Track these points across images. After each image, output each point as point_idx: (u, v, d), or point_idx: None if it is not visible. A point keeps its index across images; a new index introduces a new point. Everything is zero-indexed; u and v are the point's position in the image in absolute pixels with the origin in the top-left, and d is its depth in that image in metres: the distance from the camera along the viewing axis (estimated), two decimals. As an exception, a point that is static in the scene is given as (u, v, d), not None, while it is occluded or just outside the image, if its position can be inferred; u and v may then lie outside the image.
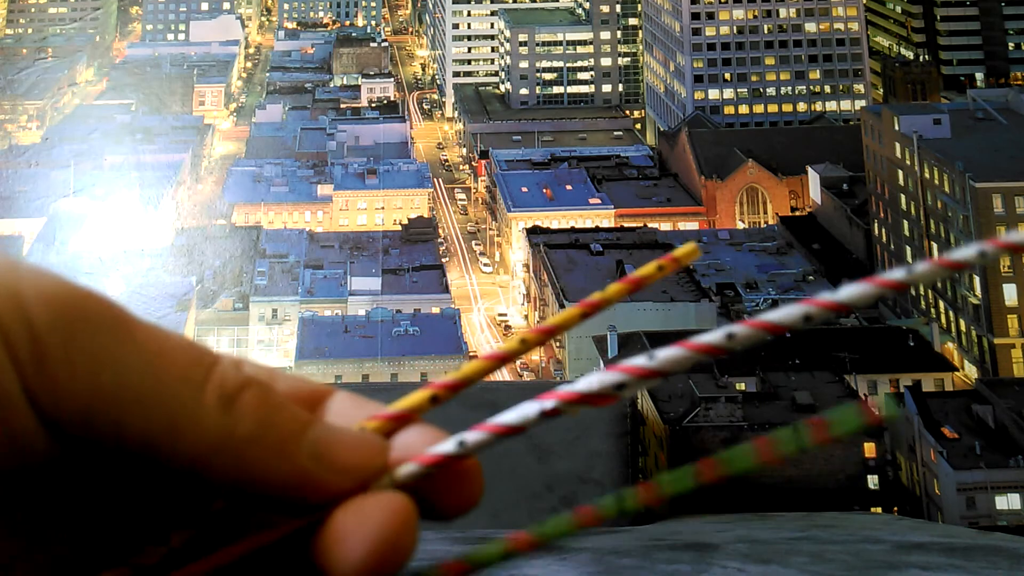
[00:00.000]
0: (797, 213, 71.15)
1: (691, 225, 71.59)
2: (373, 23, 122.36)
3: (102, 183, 67.60)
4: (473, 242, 76.95)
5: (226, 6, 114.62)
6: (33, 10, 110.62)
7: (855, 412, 0.47)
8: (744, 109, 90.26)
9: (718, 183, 73.49)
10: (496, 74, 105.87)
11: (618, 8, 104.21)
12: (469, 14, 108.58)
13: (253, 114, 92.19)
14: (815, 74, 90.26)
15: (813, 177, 69.72)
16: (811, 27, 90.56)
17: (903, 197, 62.83)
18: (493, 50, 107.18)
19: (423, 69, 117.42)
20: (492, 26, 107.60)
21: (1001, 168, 57.53)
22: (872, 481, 39.47)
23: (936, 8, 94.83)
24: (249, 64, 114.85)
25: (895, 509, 37.64)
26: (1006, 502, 39.39)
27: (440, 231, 74.12)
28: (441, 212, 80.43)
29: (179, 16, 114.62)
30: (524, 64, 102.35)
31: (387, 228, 70.53)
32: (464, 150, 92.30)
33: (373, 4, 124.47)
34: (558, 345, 54.40)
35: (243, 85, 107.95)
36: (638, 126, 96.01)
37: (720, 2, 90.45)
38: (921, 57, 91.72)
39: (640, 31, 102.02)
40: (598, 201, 72.22)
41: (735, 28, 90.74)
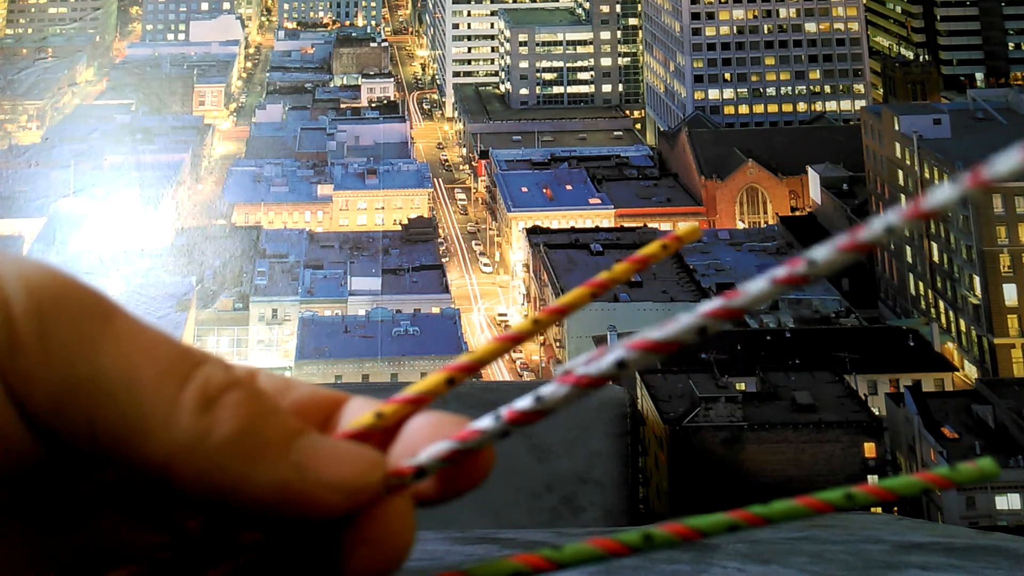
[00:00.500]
0: (797, 213, 71.16)
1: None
2: (373, 23, 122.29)
3: (102, 183, 67.56)
4: (473, 242, 76.95)
5: (226, 6, 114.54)
6: (33, 10, 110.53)
7: (984, 466, 0.43)
8: (744, 109, 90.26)
9: (718, 183, 73.51)
10: (496, 74, 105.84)
11: (618, 8, 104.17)
12: (469, 14, 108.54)
13: (253, 114, 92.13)
14: (815, 74, 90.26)
15: (813, 177, 69.74)
16: (811, 27, 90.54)
17: (903, 197, 62.80)
18: (493, 50, 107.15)
19: (423, 69, 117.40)
20: (492, 26, 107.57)
21: (1001, 168, 57.47)
22: (872, 481, 39.40)
23: (936, 8, 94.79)
24: (249, 64, 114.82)
25: (895, 509, 37.64)
26: (1006, 502, 39.44)
27: (440, 231, 74.09)
28: (441, 212, 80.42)
29: (179, 16, 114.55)
30: (524, 64, 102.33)
31: (387, 228, 70.50)
32: (464, 150, 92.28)
33: (373, 4, 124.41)
34: (558, 345, 54.46)
35: (243, 85, 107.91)
36: (638, 126, 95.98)
37: (720, 2, 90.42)
38: (921, 57, 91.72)
39: (640, 31, 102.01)
40: (598, 201, 72.22)
41: (735, 28, 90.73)
